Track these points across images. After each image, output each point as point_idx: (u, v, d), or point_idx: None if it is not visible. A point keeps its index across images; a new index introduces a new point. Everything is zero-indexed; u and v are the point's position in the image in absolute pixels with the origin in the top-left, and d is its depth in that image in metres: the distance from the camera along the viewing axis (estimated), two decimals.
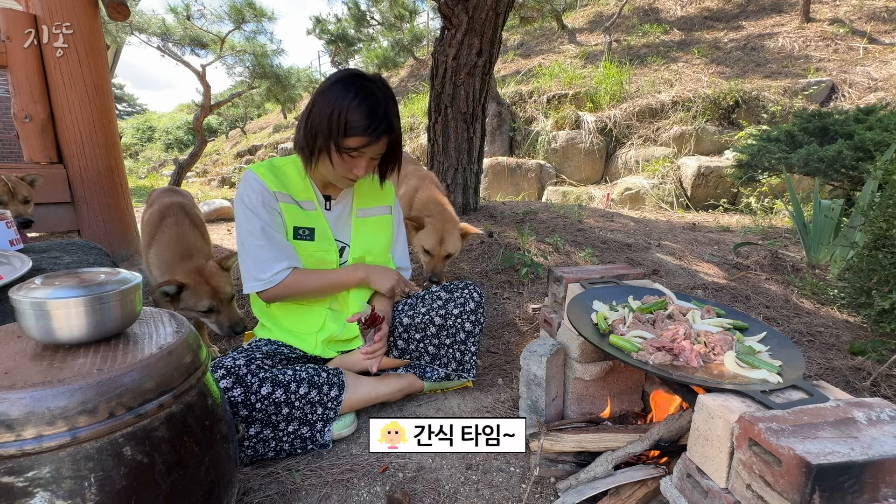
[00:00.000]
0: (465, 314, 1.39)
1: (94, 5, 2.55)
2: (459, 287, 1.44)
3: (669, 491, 0.84)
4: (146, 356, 0.70)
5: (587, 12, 12.33)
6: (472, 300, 1.41)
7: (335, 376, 1.26)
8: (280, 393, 1.15)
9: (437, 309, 1.39)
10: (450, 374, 1.43)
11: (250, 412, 1.11)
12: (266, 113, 19.75)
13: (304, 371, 1.23)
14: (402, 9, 12.72)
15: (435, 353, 1.40)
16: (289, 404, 1.16)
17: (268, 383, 1.14)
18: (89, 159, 2.56)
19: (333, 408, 1.23)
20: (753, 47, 8.12)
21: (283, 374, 1.18)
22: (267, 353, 1.24)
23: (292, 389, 1.17)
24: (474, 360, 1.45)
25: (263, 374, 1.15)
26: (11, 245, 1.41)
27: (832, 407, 0.72)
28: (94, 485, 0.62)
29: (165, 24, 9.04)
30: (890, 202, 1.73)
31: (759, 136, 4.83)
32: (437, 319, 1.38)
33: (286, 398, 1.15)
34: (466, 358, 1.43)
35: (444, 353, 1.41)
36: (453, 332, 1.39)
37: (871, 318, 1.78)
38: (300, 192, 1.29)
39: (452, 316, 1.38)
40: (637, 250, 2.96)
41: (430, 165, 3.65)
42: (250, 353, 1.21)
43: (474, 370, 1.46)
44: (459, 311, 1.39)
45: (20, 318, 0.69)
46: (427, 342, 1.39)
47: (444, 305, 1.39)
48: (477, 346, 1.44)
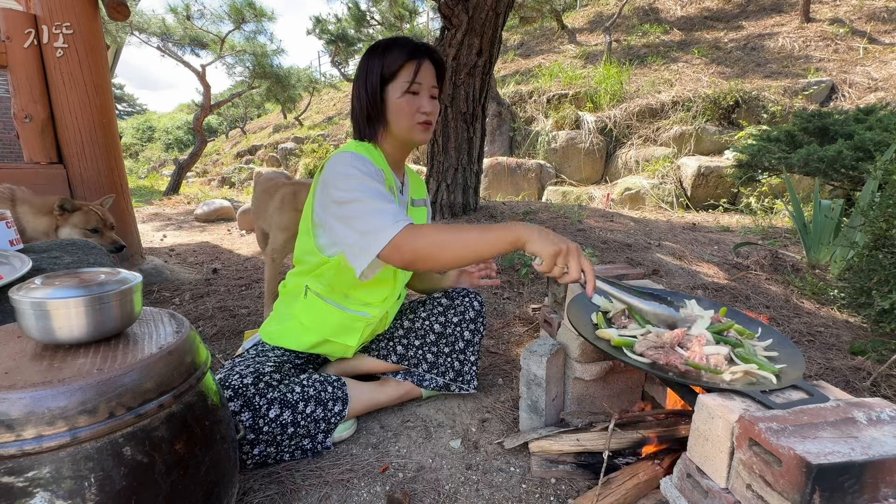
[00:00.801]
0: (465, 322, 1.38)
1: (94, 5, 2.55)
2: (461, 294, 1.42)
3: (669, 491, 0.84)
4: (146, 356, 0.70)
5: (587, 12, 12.33)
6: (472, 308, 1.39)
7: (339, 389, 1.24)
8: (287, 415, 1.13)
9: (437, 315, 1.38)
10: (448, 384, 1.40)
11: (257, 436, 1.09)
12: (266, 113, 19.75)
13: (311, 387, 1.20)
14: (402, 9, 12.72)
15: (433, 361, 1.39)
16: (294, 424, 1.14)
17: (276, 405, 1.11)
18: (89, 159, 2.56)
19: (336, 422, 1.22)
20: (753, 47, 8.12)
21: (292, 393, 1.15)
22: (276, 365, 1.21)
23: (300, 409, 1.15)
24: (474, 370, 1.42)
25: (272, 394, 1.12)
26: (11, 245, 1.41)
27: (832, 407, 0.72)
28: (94, 485, 0.62)
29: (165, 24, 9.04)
30: (890, 202, 1.73)
31: (759, 136, 4.83)
32: (437, 327, 1.37)
33: (293, 419, 1.14)
34: (466, 368, 1.41)
35: (443, 362, 1.39)
36: (452, 340, 1.38)
37: (871, 318, 1.78)
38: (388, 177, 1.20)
39: (452, 324, 1.37)
40: (637, 250, 2.96)
41: (430, 165, 3.65)
42: (258, 367, 1.17)
43: (475, 381, 1.42)
44: (459, 320, 1.38)
45: (20, 318, 0.69)
46: (426, 349, 1.38)
47: (444, 312, 1.38)
48: (477, 356, 1.42)
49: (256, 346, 1.30)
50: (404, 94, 1.14)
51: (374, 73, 1.14)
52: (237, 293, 2.41)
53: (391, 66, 1.13)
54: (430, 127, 1.19)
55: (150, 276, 2.63)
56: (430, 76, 1.16)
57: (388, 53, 1.13)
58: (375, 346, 1.40)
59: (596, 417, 1.17)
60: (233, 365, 1.19)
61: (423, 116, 1.16)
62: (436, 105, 1.19)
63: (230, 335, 1.90)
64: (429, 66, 1.16)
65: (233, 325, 1.99)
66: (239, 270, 2.90)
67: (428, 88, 1.16)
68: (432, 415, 1.37)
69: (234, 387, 1.08)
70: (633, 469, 1.02)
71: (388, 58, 1.13)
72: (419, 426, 1.32)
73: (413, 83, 1.13)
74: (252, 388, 1.10)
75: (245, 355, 1.25)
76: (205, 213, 5.19)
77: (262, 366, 1.18)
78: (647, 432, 1.07)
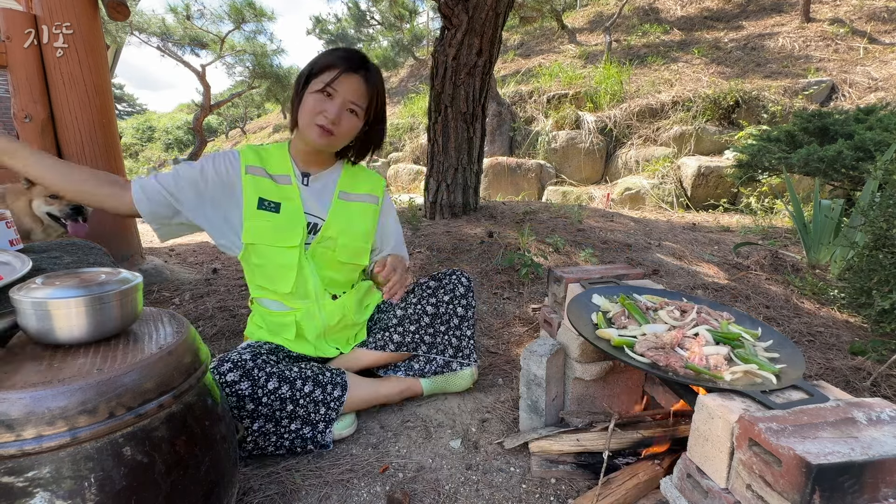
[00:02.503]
0: (456, 299, 1.40)
1: (94, 5, 2.55)
2: (447, 274, 1.44)
3: (669, 491, 0.84)
4: (146, 356, 0.70)
5: (587, 12, 12.33)
6: (461, 285, 1.41)
7: (338, 376, 1.27)
8: (286, 389, 1.15)
9: (427, 297, 1.39)
10: (449, 361, 1.42)
11: (256, 406, 1.12)
12: (266, 113, 19.75)
13: (308, 369, 1.23)
14: (402, 9, 12.73)
15: (431, 341, 1.40)
16: (293, 401, 1.16)
17: (274, 378, 1.14)
18: (89, 159, 2.56)
19: (336, 408, 1.23)
20: (753, 47, 8.12)
21: (290, 371, 1.19)
22: (270, 350, 1.25)
23: (297, 387, 1.17)
24: (472, 344, 1.44)
25: (270, 368, 1.15)
26: (11, 245, 1.41)
27: (832, 407, 0.72)
28: (94, 485, 0.62)
29: (165, 24, 9.05)
30: (890, 202, 1.73)
31: (759, 136, 4.83)
32: (430, 308, 1.38)
33: (291, 395, 1.16)
34: (464, 343, 1.42)
35: (441, 341, 1.41)
36: (447, 318, 1.40)
37: (872, 319, 1.78)
38: (277, 167, 1.29)
39: (444, 303, 1.39)
40: (637, 250, 2.96)
41: (430, 165, 3.65)
42: (255, 348, 1.21)
43: (474, 355, 1.44)
44: (450, 298, 1.39)
45: (20, 318, 0.69)
46: (423, 332, 1.39)
47: (434, 293, 1.40)
48: (472, 330, 1.44)
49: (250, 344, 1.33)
50: (315, 92, 1.17)
51: (307, 67, 1.20)
52: (237, 293, 2.41)
53: (319, 64, 1.18)
54: (327, 134, 1.20)
55: (150, 276, 2.63)
56: (351, 90, 1.18)
57: (329, 55, 1.19)
58: (372, 338, 1.41)
59: (596, 417, 1.17)
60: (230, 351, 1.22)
61: (321, 119, 1.18)
62: (349, 120, 1.21)
63: (230, 335, 1.90)
64: (356, 82, 1.18)
65: (233, 325, 1.99)
66: (239, 270, 2.90)
67: (344, 100, 1.18)
68: (432, 415, 1.37)
69: (233, 360, 1.12)
70: (633, 469, 1.02)
71: (324, 57, 1.19)
72: (419, 426, 1.32)
73: (327, 86, 1.16)
74: (251, 361, 1.14)
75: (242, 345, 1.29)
76: None
77: (258, 349, 1.22)
78: (647, 432, 1.07)
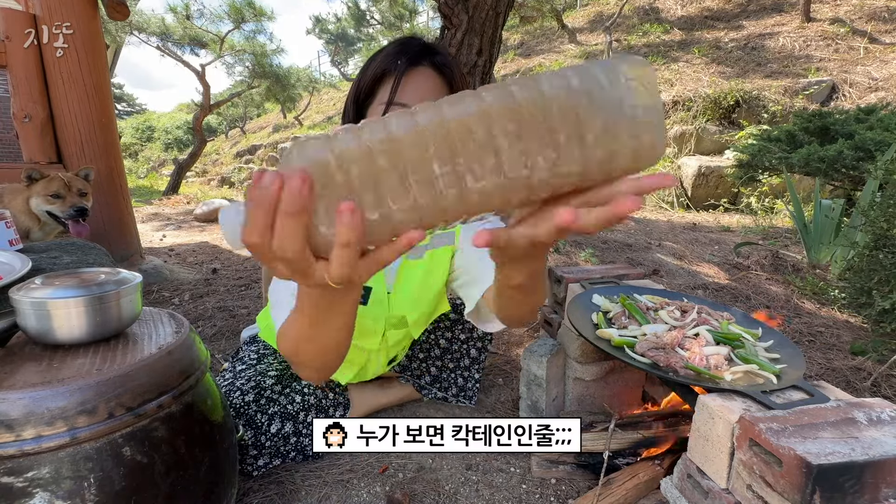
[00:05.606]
0: (473, 340, 1.35)
1: (94, 5, 2.55)
2: None
3: (669, 491, 0.84)
4: (146, 356, 0.70)
5: (587, 12, 12.32)
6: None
7: (340, 395, 1.24)
8: (289, 426, 1.13)
9: (443, 330, 1.35)
10: (448, 398, 1.38)
11: (259, 451, 1.09)
12: (266, 113, 19.73)
13: (312, 396, 1.19)
14: (402, 8, 12.72)
15: (437, 374, 1.36)
16: (296, 434, 1.15)
17: (277, 419, 1.12)
18: (89, 159, 2.56)
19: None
20: (754, 47, 8.12)
21: (292, 404, 1.15)
22: (278, 375, 1.19)
23: (300, 419, 1.15)
24: (476, 387, 1.40)
25: (273, 408, 1.12)
26: (11, 245, 1.41)
27: (833, 407, 0.72)
28: (93, 485, 0.62)
29: (165, 24, 9.04)
30: (890, 202, 1.73)
31: (759, 135, 4.83)
32: (443, 342, 1.34)
33: (294, 429, 1.14)
34: (469, 385, 1.38)
35: (446, 378, 1.36)
36: (458, 356, 1.35)
37: (872, 319, 1.77)
38: None
39: (458, 341, 1.34)
40: (637, 250, 2.96)
41: None
42: (259, 379, 1.16)
43: (476, 397, 1.40)
44: (466, 337, 1.34)
45: (20, 318, 0.69)
46: (430, 363, 1.36)
47: (452, 328, 1.35)
48: (481, 373, 1.40)
49: (257, 344, 1.28)
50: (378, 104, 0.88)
51: (351, 94, 0.92)
52: (237, 293, 2.41)
53: (366, 82, 0.89)
54: None
55: (150, 276, 2.63)
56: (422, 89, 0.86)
57: (370, 65, 0.89)
58: None
59: (596, 417, 1.16)
60: (234, 377, 1.17)
61: None
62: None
63: (230, 335, 1.90)
64: (421, 76, 0.87)
65: (232, 325, 1.99)
66: (238, 270, 2.90)
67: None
68: (432, 415, 1.37)
69: (237, 406, 1.09)
70: (634, 469, 1.02)
71: (367, 72, 0.89)
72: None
73: (391, 104, 0.84)
74: (254, 405, 1.10)
75: (245, 359, 1.24)
76: (204, 212, 5.19)
77: (263, 378, 1.16)
78: (647, 432, 1.07)
